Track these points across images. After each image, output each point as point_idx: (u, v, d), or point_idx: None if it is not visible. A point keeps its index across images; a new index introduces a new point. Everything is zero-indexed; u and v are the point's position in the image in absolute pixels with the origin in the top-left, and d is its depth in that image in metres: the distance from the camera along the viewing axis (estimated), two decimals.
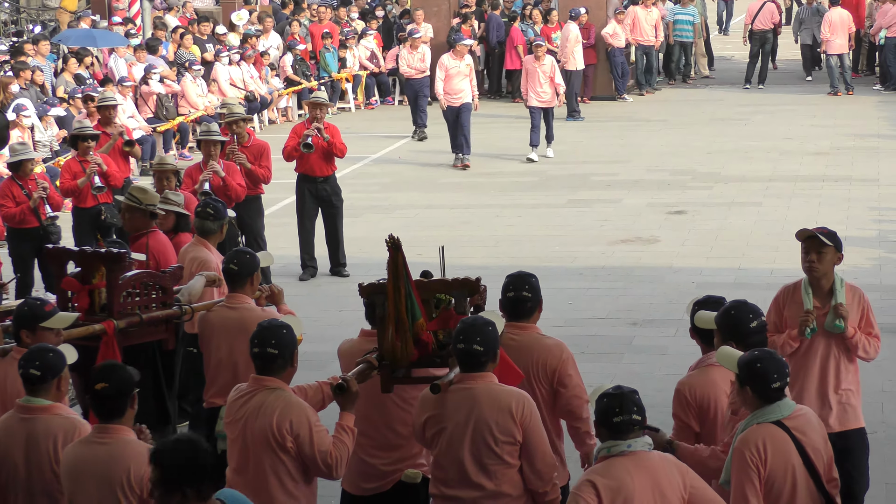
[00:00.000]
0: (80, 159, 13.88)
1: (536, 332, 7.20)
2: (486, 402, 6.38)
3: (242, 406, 6.61)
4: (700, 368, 6.96)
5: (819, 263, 7.84)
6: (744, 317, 6.77)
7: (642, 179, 19.76)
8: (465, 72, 21.09)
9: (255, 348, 6.57)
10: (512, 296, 7.15)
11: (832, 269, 7.90)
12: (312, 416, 6.50)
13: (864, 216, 16.89)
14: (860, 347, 7.84)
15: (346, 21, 29.52)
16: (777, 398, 6.18)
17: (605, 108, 26.67)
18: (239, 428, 6.62)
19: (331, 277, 14.94)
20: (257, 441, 6.52)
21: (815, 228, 7.95)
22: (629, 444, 5.81)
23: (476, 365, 6.41)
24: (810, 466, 6.20)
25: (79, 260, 8.18)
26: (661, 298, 13.61)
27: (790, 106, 26.12)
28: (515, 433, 6.37)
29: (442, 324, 6.83)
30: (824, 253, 7.85)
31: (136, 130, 21.28)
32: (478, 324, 6.43)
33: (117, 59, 23.54)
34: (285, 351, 6.55)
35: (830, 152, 21.33)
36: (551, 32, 26.82)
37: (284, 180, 18.24)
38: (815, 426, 6.32)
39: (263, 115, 25.57)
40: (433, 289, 6.93)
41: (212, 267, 9.12)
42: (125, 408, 6.20)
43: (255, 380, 6.61)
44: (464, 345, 6.39)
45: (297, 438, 6.45)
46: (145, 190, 10.05)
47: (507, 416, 6.36)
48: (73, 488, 6.23)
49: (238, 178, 13.11)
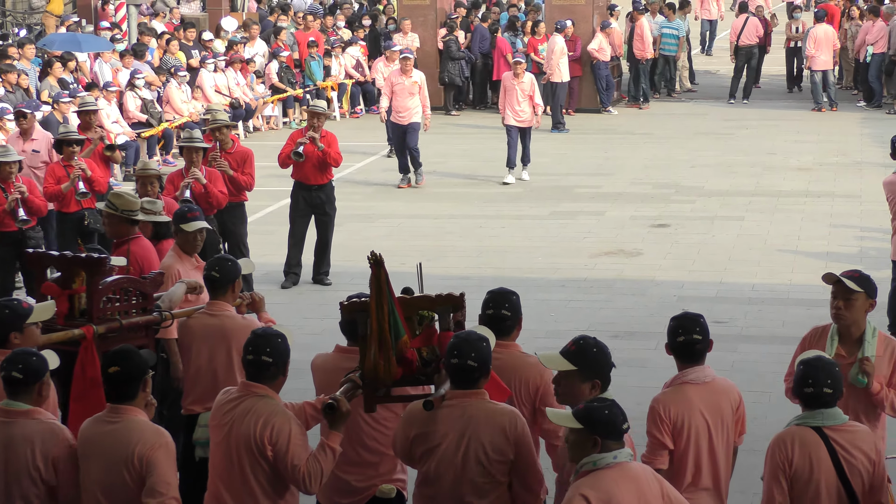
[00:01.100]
0: (64, 164, 13.85)
1: (517, 350, 7.14)
2: (481, 420, 6.33)
3: (230, 411, 6.59)
4: (675, 386, 6.92)
5: (847, 311, 7.31)
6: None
7: (626, 192, 19.80)
8: (413, 89, 19.96)
9: (250, 355, 6.56)
10: (492, 313, 7.08)
11: (863, 317, 7.34)
12: (295, 428, 6.47)
13: (846, 233, 16.95)
14: (888, 405, 7.27)
15: (333, 30, 29.53)
16: (815, 405, 6.32)
17: (589, 120, 26.72)
18: (224, 432, 6.60)
19: (313, 286, 14.94)
20: (241, 446, 6.51)
21: (845, 272, 7.42)
22: (615, 456, 5.82)
23: (470, 381, 6.36)
24: (844, 480, 6.26)
25: (59, 265, 8.15)
26: (643, 311, 13.63)
27: (774, 121, 26.21)
28: (508, 452, 6.34)
29: (425, 341, 6.70)
30: (853, 300, 7.33)
31: (120, 136, 21.27)
32: (472, 339, 6.37)
33: (102, 64, 23.51)
34: (279, 360, 6.54)
35: (813, 168, 21.41)
36: (538, 44, 26.87)
37: (268, 188, 18.24)
38: (864, 444, 6.35)
39: (248, 122, 25.55)
40: (416, 305, 6.78)
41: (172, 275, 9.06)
42: (137, 391, 6.39)
43: (245, 385, 6.60)
44: (458, 360, 6.32)
45: (275, 447, 6.43)
46: (122, 196, 10.01)
47: (502, 435, 6.32)
48: (84, 464, 6.43)
49: (220, 184, 13.09)
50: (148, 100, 22.86)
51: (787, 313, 13.58)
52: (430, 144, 22.94)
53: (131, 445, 6.29)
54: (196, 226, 9.53)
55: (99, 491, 6.37)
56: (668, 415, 6.79)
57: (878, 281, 14.22)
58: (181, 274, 9.16)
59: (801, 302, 13.90)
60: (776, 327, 13.11)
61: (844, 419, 6.37)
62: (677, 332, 6.91)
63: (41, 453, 6.38)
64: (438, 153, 23.07)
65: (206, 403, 8.03)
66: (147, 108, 22.74)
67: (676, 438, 6.82)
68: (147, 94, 22.91)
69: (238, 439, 6.52)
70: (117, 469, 6.31)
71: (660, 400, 6.88)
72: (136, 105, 22.54)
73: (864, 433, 6.41)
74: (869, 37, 27.48)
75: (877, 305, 7.43)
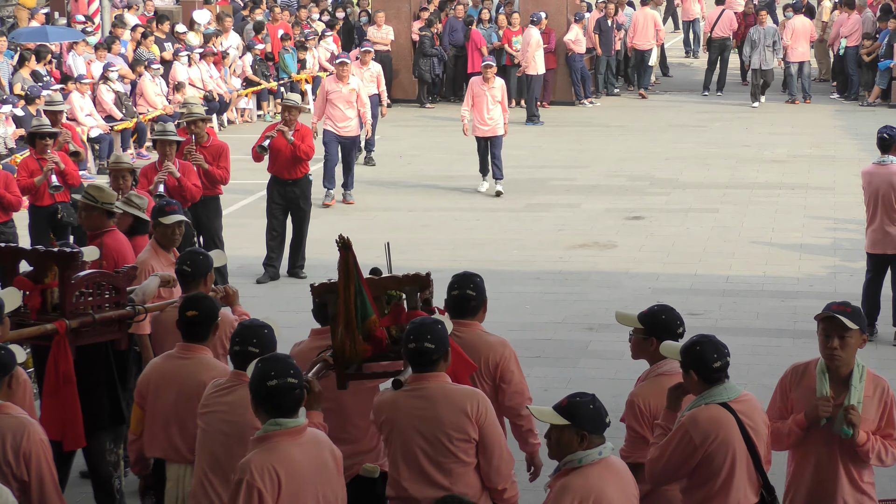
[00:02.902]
0: (37, 157, 13.78)
1: (479, 330, 7.30)
2: (441, 402, 6.41)
3: (220, 398, 6.63)
4: (650, 379, 6.92)
5: (843, 350, 6.62)
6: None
7: (600, 184, 19.82)
8: (351, 97, 18.14)
9: (237, 346, 6.62)
10: (457, 294, 7.28)
11: (854, 355, 6.69)
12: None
13: (820, 224, 17.00)
14: (873, 455, 6.70)
15: (307, 22, 29.46)
16: (719, 379, 6.38)
17: (564, 112, 26.73)
18: (214, 419, 6.63)
19: (287, 279, 14.91)
20: (234, 434, 6.51)
21: (836, 305, 6.69)
22: (600, 452, 5.85)
23: (428, 364, 6.43)
24: (751, 447, 6.39)
25: (31, 259, 8.11)
26: (618, 303, 13.64)
27: (748, 113, 26.27)
28: (471, 431, 6.41)
29: (394, 319, 6.88)
30: (848, 337, 6.62)
31: (94, 129, 21.19)
32: (426, 322, 6.47)
33: (76, 56, 23.40)
34: (266, 350, 6.54)
35: (787, 160, 21.47)
36: (512, 36, 26.85)
37: (243, 181, 18.20)
38: (759, 410, 6.53)
39: (223, 115, 25.47)
40: (384, 285, 6.97)
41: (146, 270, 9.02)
42: (208, 333, 7.26)
43: (236, 374, 6.64)
44: (415, 344, 6.40)
45: None
46: (102, 188, 9.95)
47: (463, 416, 6.40)
48: (153, 399, 7.20)
49: (194, 178, 13.03)
50: (121, 92, 22.77)
51: (762, 305, 13.61)
52: (405, 137, 22.96)
53: (200, 381, 6.95)
54: (174, 218, 9.50)
55: (172, 419, 7.10)
56: (647, 407, 6.80)
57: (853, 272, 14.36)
58: (155, 269, 9.12)
59: (775, 294, 13.94)
60: (751, 319, 13.14)
61: (739, 390, 6.46)
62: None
63: (11, 448, 6.30)
64: (413, 146, 23.07)
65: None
66: (121, 100, 22.65)
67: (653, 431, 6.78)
68: (120, 87, 22.81)
69: (229, 426, 6.54)
70: (187, 401, 6.97)
71: (638, 394, 6.88)
72: (111, 98, 22.45)
73: (755, 399, 6.56)
74: (843, 29, 27.56)
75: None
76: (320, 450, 5.98)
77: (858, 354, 6.74)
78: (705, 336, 6.50)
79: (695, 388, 6.42)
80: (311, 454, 5.91)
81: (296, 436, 5.88)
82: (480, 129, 19.08)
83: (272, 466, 5.75)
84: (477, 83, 19.14)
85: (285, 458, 5.80)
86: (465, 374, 6.77)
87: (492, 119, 19.01)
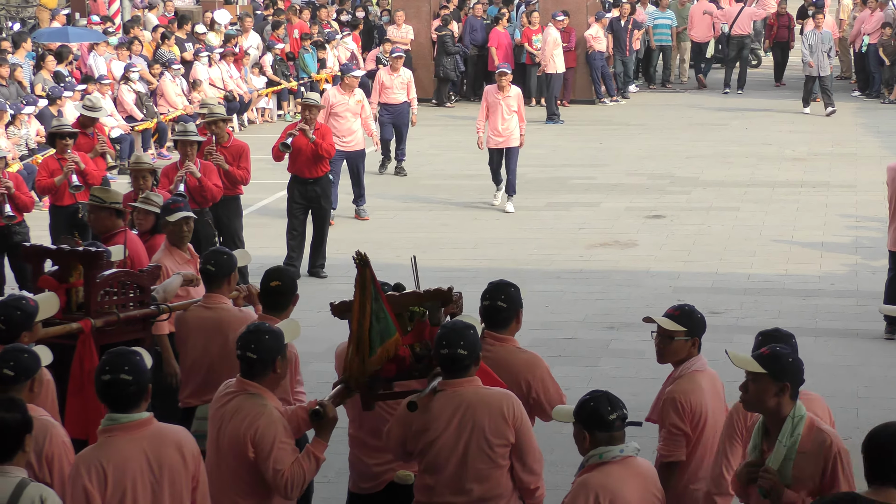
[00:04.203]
0: (57, 157, 13.83)
1: (513, 345, 7.08)
2: (478, 406, 6.33)
3: (223, 406, 6.59)
4: (685, 376, 6.87)
5: (748, 394, 6.04)
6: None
7: (621, 183, 19.80)
8: (356, 109, 17.11)
9: (238, 350, 6.55)
10: (487, 304, 7.07)
11: (778, 404, 5.96)
12: (281, 433, 6.41)
13: (841, 222, 16.96)
14: None
15: (327, 22, 29.50)
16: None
17: (584, 111, 26.72)
18: (216, 427, 6.62)
19: (308, 278, 14.93)
20: (230, 443, 6.50)
21: (763, 349, 6.11)
22: (621, 450, 5.85)
23: (461, 370, 6.35)
24: None
25: (56, 258, 8.15)
26: (639, 302, 13.63)
27: (769, 111, 26.20)
28: (509, 434, 6.34)
29: (417, 336, 6.69)
30: (757, 381, 5.99)
31: (115, 129, 21.26)
32: (458, 327, 6.38)
33: (97, 57, 23.49)
34: (266, 357, 6.46)
35: (808, 158, 21.42)
36: (532, 35, 26.86)
37: (263, 181, 18.24)
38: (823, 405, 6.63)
39: (243, 115, 25.53)
40: (406, 302, 6.78)
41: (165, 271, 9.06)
42: (289, 304, 7.70)
43: (240, 382, 6.58)
44: (447, 350, 6.32)
45: (257, 448, 6.40)
46: (108, 189, 10.03)
47: (500, 419, 6.32)
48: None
49: (215, 178, 13.07)
50: (142, 93, 22.84)
51: (783, 303, 13.59)
52: (425, 136, 22.98)
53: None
54: (179, 215, 9.53)
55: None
56: (689, 404, 6.76)
57: (875, 270, 14.32)
58: (169, 268, 9.16)
59: (796, 292, 13.92)
60: (772, 317, 13.11)
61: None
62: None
63: (34, 451, 6.27)
64: (433, 145, 23.09)
65: (203, 396, 8.04)
66: (142, 100, 22.72)
67: (694, 427, 6.80)
68: (141, 88, 22.89)
69: (226, 436, 6.52)
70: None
71: (678, 391, 6.80)
72: (132, 98, 22.53)
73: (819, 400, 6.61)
74: (866, 26, 27.46)
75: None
76: (163, 446, 5.93)
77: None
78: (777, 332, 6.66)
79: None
80: (150, 450, 5.89)
81: (132, 431, 5.88)
82: (494, 139, 17.82)
83: (99, 462, 5.76)
84: (491, 92, 17.89)
85: (115, 454, 5.79)
86: None
87: (506, 130, 17.72)
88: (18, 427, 5.72)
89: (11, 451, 5.72)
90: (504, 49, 27.19)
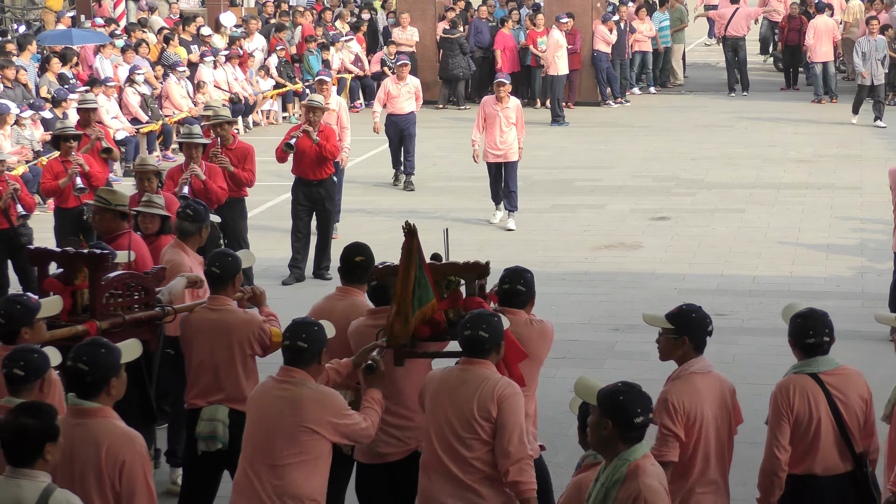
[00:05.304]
0: (62, 159, 13.84)
1: (524, 317, 7.65)
2: (474, 383, 6.76)
3: (268, 393, 6.84)
4: (682, 377, 6.94)
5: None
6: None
7: (626, 185, 19.80)
8: (329, 119, 15.78)
9: (287, 341, 6.87)
10: (507, 288, 7.69)
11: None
12: (341, 402, 6.86)
13: (847, 224, 16.95)
14: None
15: (332, 24, 29.50)
16: (812, 353, 6.94)
17: (589, 113, 26.72)
18: (261, 413, 6.82)
19: (313, 280, 14.94)
20: (287, 428, 6.72)
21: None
22: None
23: (479, 351, 6.79)
24: (839, 419, 6.89)
25: (61, 261, 8.15)
26: (644, 304, 13.62)
27: (774, 113, 26.20)
28: (492, 409, 6.68)
29: (452, 303, 7.36)
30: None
31: (120, 131, 21.26)
32: (484, 314, 6.89)
33: (103, 59, 23.51)
34: (314, 346, 6.83)
35: (813, 160, 21.40)
36: (537, 37, 26.86)
37: (268, 182, 18.25)
38: (856, 386, 7.00)
39: (248, 117, 25.54)
40: (445, 271, 7.50)
41: (185, 269, 9.11)
42: (366, 276, 8.10)
43: (285, 370, 6.85)
44: (470, 332, 6.79)
45: (338, 420, 6.77)
46: (113, 191, 10.06)
47: (489, 395, 6.70)
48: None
49: (220, 180, 13.08)
50: (147, 95, 22.86)
51: None
52: (430, 138, 22.97)
53: (350, 317, 7.77)
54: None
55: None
56: (681, 406, 6.83)
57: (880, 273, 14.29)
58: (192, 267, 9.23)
59: (801, 294, 13.89)
60: (777, 320, 13.02)
61: (837, 364, 6.98)
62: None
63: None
64: (438, 146, 23.08)
65: (209, 398, 8.09)
66: (147, 103, 22.74)
67: (688, 430, 6.85)
68: (146, 90, 22.90)
69: (283, 421, 6.73)
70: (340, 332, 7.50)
71: (671, 391, 6.90)
72: (137, 100, 22.54)
73: (855, 375, 7.04)
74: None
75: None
76: (85, 443, 6.11)
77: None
78: (810, 310, 7.05)
79: (796, 356, 7.03)
80: (78, 440, 6.10)
81: (76, 416, 6.16)
82: (492, 153, 17.06)
83: (62, 440, 5.88)
84: (489, 103, 17.09)
85: (64, 436, 5.91)
86: (515, 361, 7.06)
87: (505, 143, 16.95)
88: (39, 434, 5.67)
89: (29, 457, 5.66)
90: (509, 51, 27.21)
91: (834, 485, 6.99)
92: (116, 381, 6.27)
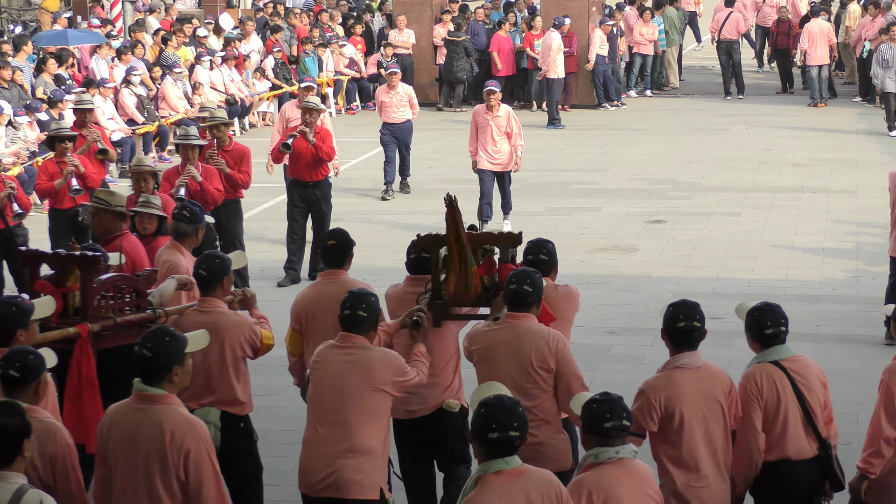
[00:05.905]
0: (57, 160, 13.82)
1: (549, 283, 8.12)
2: (526, 335, 7.40)
3: (333, 358, 7.30)
4: (666, 371, 7.11)
5: None
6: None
7: (622, 188, 19.78)
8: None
9: (347, 311, 7.31)
10: (532, 258, 8.25)
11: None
12: (401, 362, 7.40)
13: (842, 228, 16.94)
14: None
15: (328, 26, 29.48)
16: (770, 343, 7.27)
17: (585, 116, 26.70)
18: (323, 374, 7.29)
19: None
20: (357, 387, 7.20)
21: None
22: (617, 451, 5.92)
23: (523, 304, 7.45)
24: (803, 403, 7.19)
25: (53, 263, 8.13)
26: (639, 307, 13.62)
27: (770, 117, 26.19)
28: (550, 361, 7.38)
29: (487, 270, 7.99)
30: None
31: (116, 132, 21.24)
32: (528, 271, 7.60)
33: (99, 60, 23.48)
34: (372, 315, 7.35)
35: (809, 164, 21.40)
36: (534, 40, 26.85)
37: (264, 184, 18.21)
38: (813, 369, 7.34)
39: (244, 119, 25.51)
40: (482, 240, 8.13)
41: (181, 271, 9.09)
42: (345, 260, 8.60)
43: (344, 337, 7.33)
44: (515, 286, 7.45)
45: (402, 377, 7.34)
46: (112, 192, 10.07)
47: (545, 346, 7.38)
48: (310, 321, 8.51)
49: (216, 182, 13.07)
50: (143, 96, 22.83)
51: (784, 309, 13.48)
52: (427, 141, 22.95)
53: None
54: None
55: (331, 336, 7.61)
56: (658, 401, 6.99)
57: (876, 276, 14.28)
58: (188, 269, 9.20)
59: (797, 298, 13.88)
60: None
61: (794, 352, 7.33)
62: (677, 318, 7.22)
63: (38, 453, 6.29)
64: (434, 149, 23.07)
65: (201, 400, 8.06)
66: (143, 104, 22.72)
67: (668, 424, 6.97)
68: (142, 91, 22.88)
69: (346, 383, 7.21)
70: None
71: (651, 385, 7.09)
72: (133, 101, 22.52)
73: (811, 361, 7.42)
74: (867, 32, 27.36)
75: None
76: (149, 428, 6.38)
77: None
78: (767, 303, 7.43)
79: (753, 348, 7.36)
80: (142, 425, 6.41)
81: (140, 401, 6.45)
82: (488, 161, 16.84)
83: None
84: (480, 112, 16.75)
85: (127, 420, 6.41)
86: (545, 323, 7.60)
87: (499, 153, 16.70)
88: (17, 431, 5.77)
89: (11, 455, 5.75)
90: (505, 54, 27.20)
91: (804, 468, 7.25)
92: (180, 370, 6.51)
